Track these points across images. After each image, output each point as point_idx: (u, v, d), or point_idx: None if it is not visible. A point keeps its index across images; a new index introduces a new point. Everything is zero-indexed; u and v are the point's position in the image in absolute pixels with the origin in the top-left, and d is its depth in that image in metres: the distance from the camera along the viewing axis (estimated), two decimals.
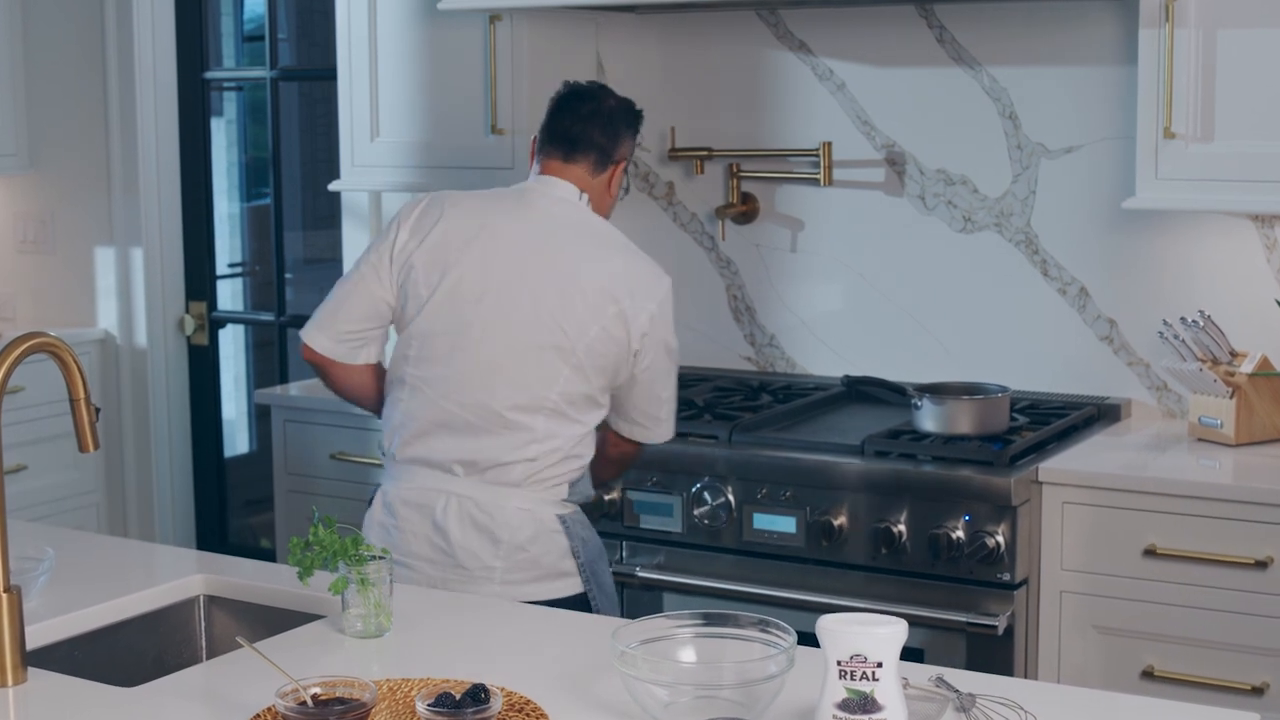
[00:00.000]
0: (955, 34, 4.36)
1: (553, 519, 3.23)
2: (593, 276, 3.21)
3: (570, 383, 3.19)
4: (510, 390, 3.18)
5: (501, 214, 3.29)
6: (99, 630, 2.78)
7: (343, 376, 3.38)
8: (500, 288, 3.20)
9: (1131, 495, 3.63)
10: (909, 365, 4.48)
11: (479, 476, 3.21)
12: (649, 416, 3.38)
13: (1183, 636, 3.60)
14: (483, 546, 3.19)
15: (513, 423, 3.18)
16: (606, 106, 3.40)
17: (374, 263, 3.30)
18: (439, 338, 3.22)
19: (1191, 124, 3.78)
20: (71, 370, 2.52)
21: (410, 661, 2.50)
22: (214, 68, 5.96)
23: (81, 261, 5.81)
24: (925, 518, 3.71)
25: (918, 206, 4.47)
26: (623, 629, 2.27)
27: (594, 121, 3.36)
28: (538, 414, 3.19)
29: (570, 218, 3.30)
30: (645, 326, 3.23)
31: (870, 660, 2.05)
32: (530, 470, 3.20)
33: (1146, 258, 4.20)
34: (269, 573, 2.99)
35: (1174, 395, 4.21)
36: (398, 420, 3.27)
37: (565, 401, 3.20)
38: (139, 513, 5.80)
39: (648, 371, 3.29)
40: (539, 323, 3.18)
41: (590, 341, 3.19)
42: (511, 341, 3.18)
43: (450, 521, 3.20)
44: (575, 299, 3.19)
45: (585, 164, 3.35)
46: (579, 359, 3.19)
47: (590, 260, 3.24)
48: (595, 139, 3.35)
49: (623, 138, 3.40)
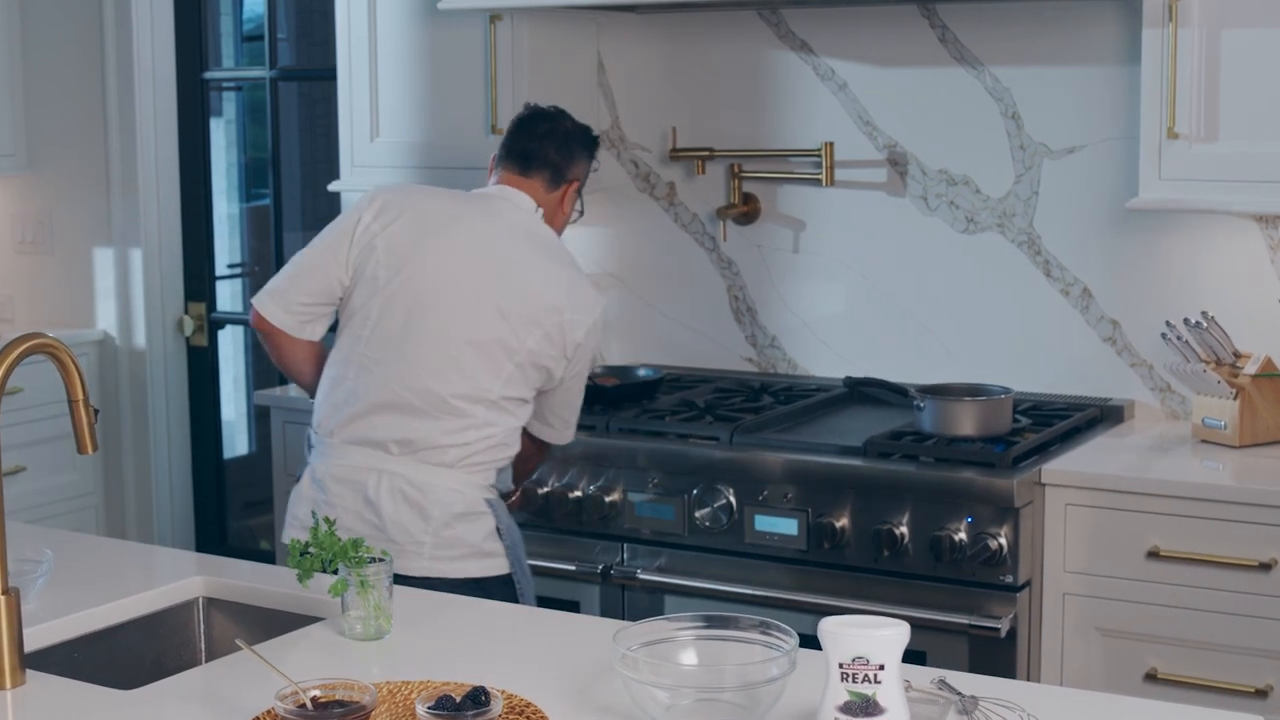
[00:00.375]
0: (957, 34, 4.36)
1: (480, 501, 3.40)
2: (544, 285, 3.42)
3: (512, 380, 3.39)
4: (459, 380, 3.36)
5: (468, 214, 3.48)
6: (98, 632, 2.78)
7: (288, 349, 3.52)
8: (460, 282, 3.39)
9: (1134, 497, 3.63)
10: (911, 366, 4.48)
11: (413, 456, 3.36)
12: (561, 420, 3.61)
13: (1186, 639, 3.60)
14: (413, 521, 3.34)
15: (456, 409, 3.35)
16: (563, 128, 3.62)
17: (333, 242, 3.46)
18: (395, 322, 3.38)
19: (1195, 124, 3.78)
20: (70, 371, 2.52)
21: (410, 664, 2.50)
22: (213, 67, 5.96)
23: (80, 262, 5.81)
24: (927, 519, 3.71)
25: (920, 207, 4.47)
26: (624, 631, 2.27)
27: (550, 140, 3.58)
28: (479, 404, 3.37)
29: (528, 227, 3.51)
30: (580, 338, 3.44)
31: (872, 663, 2.05)
32: (463, 454, 3.37)
33: (1150, 258, 4.20)
34: (268, 575, 2.99)
35: (1177, 396, 4.21)
36: (340, 398, 3.42)
37: (505, 396, 3.39)
38: (138, 514, 5.80)
39: (573, 379, 3.52)
40: (492, 320, 3.37)
41: (533, 345, 3.39)
42: (465, 334, 3.36)
43: (383, 497, 3.35)
44: (526, 303, 3.39)
45: (540, 180, 3.56)
46: (522, 359, 3.39)
47: (543, 270, 3.44)
48: (550, 157, 3.56)
49: (577, 159, 3.61)
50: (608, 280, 4.88)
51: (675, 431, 4.09)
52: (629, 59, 4.82)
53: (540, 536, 4.16)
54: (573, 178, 3.60)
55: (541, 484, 4.13)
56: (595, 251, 4.89)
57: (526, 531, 4.15)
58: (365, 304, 3.40)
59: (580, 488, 4.09)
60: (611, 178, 4.85)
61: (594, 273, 4.88)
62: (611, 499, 4.06)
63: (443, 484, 3.35)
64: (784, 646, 2.22)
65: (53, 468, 5.54)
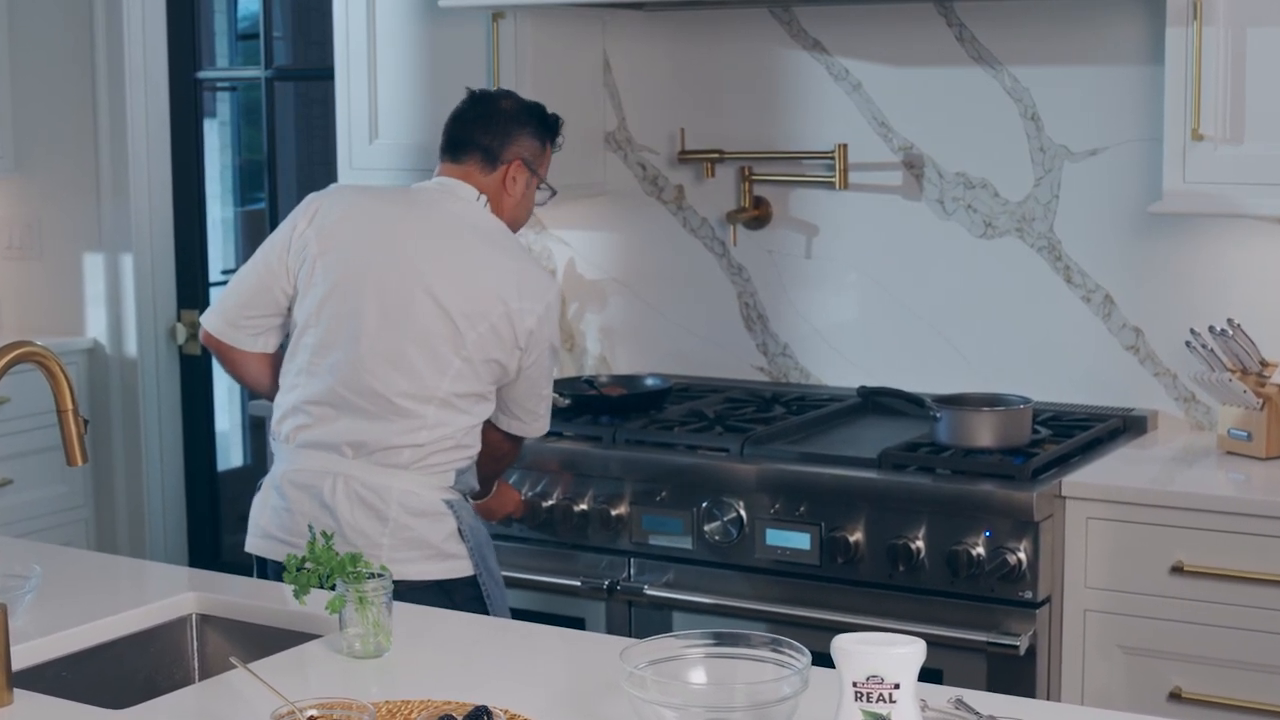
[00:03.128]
0: (975, 32, 4.36)
1: (439, 502, 3.45)
2: (485, 277, 3.44)
3: (460, 376, 3.42)
4: (402, 379, 3.40)
5: (404, 210, 3.55)
6: (88, 650, 2.78)
7: (239, 362, 3.63)
8: (399, 280, 3.43)
9: (1158, 510, 3.63)
10: (927, 375, 4.48)
11: (367, 458, 3.42)
12: (528, 411, 3.61)
13: (1211, 657, 3.60)
14: (370, 524, 3.40)
15: (403, 410, 3.40)
16: (497, 108, 3.66)
17: (270, 253, 3.55)
18: (338, 325, 3.44)
19: (1220, 125, 3.78)
20: (59, 381, 2.53)
21: (410, 682, 2.51)
22: (207, 67, 5.98)
23: (69, 268, 5.82)
24: (944, 533, 3.72)
25: (936, 211, 4.47)
26: (631, 649, 2.28)
27: (478, 124, 3.62)
28: (428, 404, 3.41)
29: (470, 218, 3.54)
30: (532, 326, 3.46)
31: (887, 681, 2.05)
32: (418, 455, 3.42)
33: (1173, 264, 4.20)
34: (263, 591, 3.00)
35: (1202, 407, 4.21)
36: (292, 404, 3.49)
37: (455, 394, 3.42)
38: (129, 528, 5.81)
39: (533, 369, 3.52)
40: (433, 316, 3.40)
41: (478, 338, 3.42)
42: (406, 332, 3.41)
43: (339, 500, 3.41)
44: (469, 297, 3.42)
45: (471, 165, 3.60)
46: (468, 353, 3.42)
47: (484, 261, 3.47)
48: (478, 140, 3.60)
49: (515, 137, 3.63)
50: (613, 286, 4.88)
51: (684, 443, 4.09)
52: (636, 58, 4.83)
53: (544, 551, 4.16)
54: (511, 157, 3.61)
55: (546, 496, 4.13)
56: (600, 257, 4.90)
57: (529, 546, 4.16)
58: (309, 310, 3.48)
59: (586, 501, 4.10)
60: (618, 181, 4.86)
61: (599, 278, 4.89)
62: (618, 512, 4.06)
63: (398, 485, 3.41)
64: (796, 665, 2.22)
65: (41, 480, 5.55)
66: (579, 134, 4.76)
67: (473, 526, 3.51)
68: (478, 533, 3.52)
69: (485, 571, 3.51)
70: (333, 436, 3.43)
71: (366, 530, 3.39)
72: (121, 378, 5.78)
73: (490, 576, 3.52)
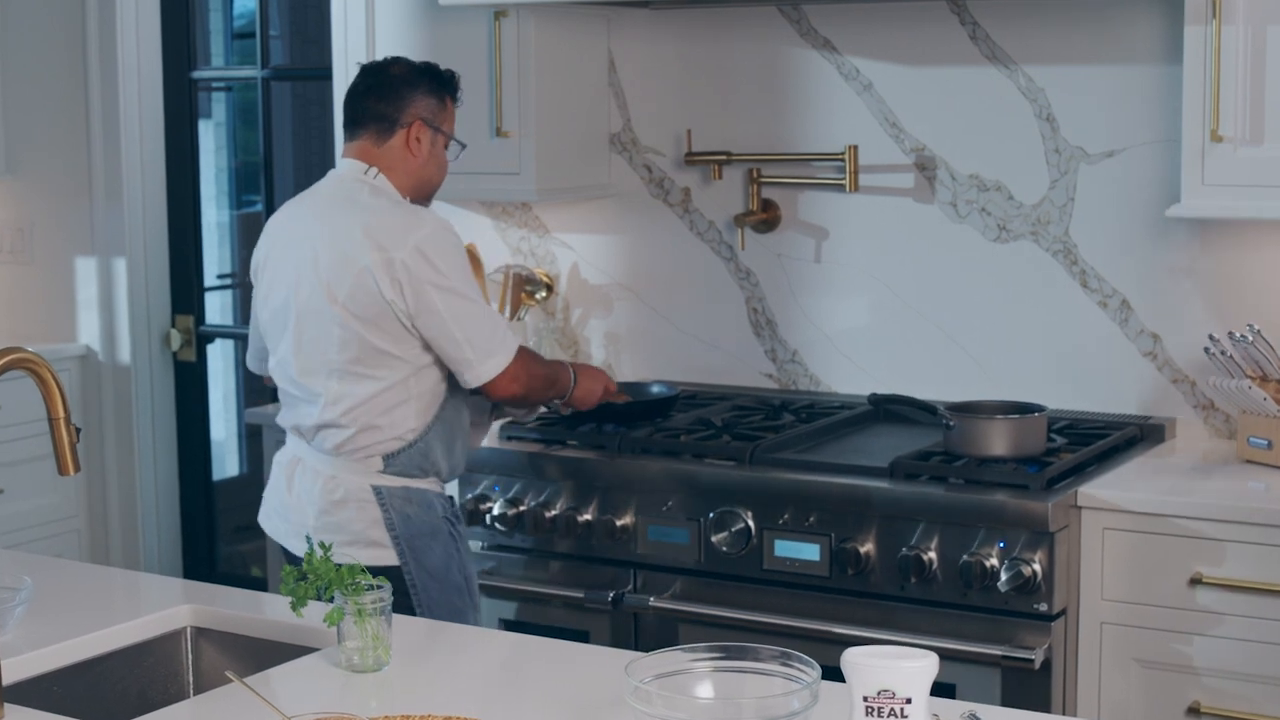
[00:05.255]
0: (989, 31, 4.37)
1: (365, 488, 3.66)
2: (347, 236, 3.61)
3: (346, 342, 3.61)
4: (300, 357, 3.68)
5: (297, 211, 3.79)
6: (80, 664, 2.79)
7: None
8: (294, 270, 3.68)
9: (1176, 521, 3.63)
10: (940, 383, 4.49)
11: (309, 443, 3.71)
12: (457, 361, 3.67)
13: (1231, 671, 3.60)
14: (305, 506, 3.70)
15: (306, 388, 3.67)
16: (388, 75, 3.79)
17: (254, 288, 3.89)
18: (270, 329, 3.77)
19: (1240, 126, 3.78)
20: (50, 388, 2.53)
21: (410, 697, 2.51)
22: (202, 67, 5.98)
23: (61, 272, 5.83)
24: (957, 545, 3.72)
25: (949, 214, 4.48)
26: (636, 663, 2.28)
27: (369, 95, 3.77)
28: (328, 377, 3.64)
29: (343, 192, 3.72)
30: (397, 273, 3.57)
31: (899, 696, 2.05)
32: (339, 438, 3.64)
33: (1192, 269, 4.20)
34: (260, 603, 3.00)
35: (1221, 415, 4.21)
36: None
37: (347, 360, 3.62)
38: (122, 539, 5.82)
39: (428, 317, 3.61)
40: (313, 289, 3.63)
41: (348, 297, 3.59)
42: (303, 319, 3.66)
43: (295, 481, 3.74)
44: (333, 261, 3.61)
45: (366, 137, 3.76)
46: (344, 316, 3.59)
47: (347, 223, 3.63)
48: (371, 109, 3.76)
49: (408, 99, 3.76)
50: (618, 291, 4.89)
51: (691, 451, 4.10)
52: (641, 57, 4.83)
53: (547, 562, 4.17)
54: (410, 119, 3.75)
55: (549, 506, 4.13)
56: (605, 261, 4.90)
57: (532, 558, 4.17)
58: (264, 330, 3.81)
59: (590, 511, 4.10)
60: (623, 183, 4.86)
61: (604, 283, 4.90)
62: (623, 523, 4.06)
63: (327, 471, 3.67)
64: (805, 679, 2.22)
65: (32, 490, 5.55)
66: (583, 135, 4.77)
67: (408, 515, 3.65)
68: (412, 523, 3.65)
69: (415, 564, 3.64)
70: (289, 422, 3.76)
71: (303, 511, 3.69)
72: (114, 385, 5.79)
73: (421, 568, 3.64)
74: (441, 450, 3.73)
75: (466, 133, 4.59)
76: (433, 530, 3.68)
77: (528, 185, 4.60)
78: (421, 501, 3.69)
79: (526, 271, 4.89)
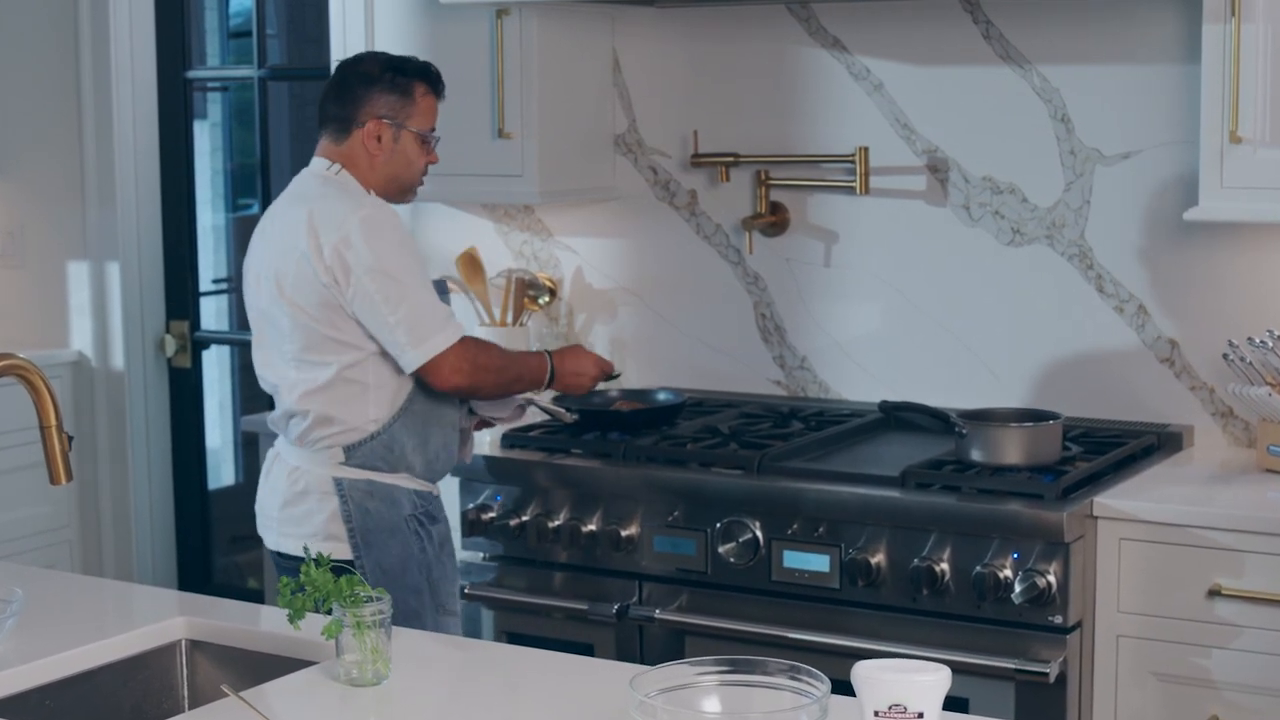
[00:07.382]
0: (1003, 30, 4.37)
1: (327, 480, 3.75)
2: (293, 228, 3.70)
3: (295, 332, 3.71)
4: (262, 350, 3.82)
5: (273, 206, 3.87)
6: (72, 678, 2.79)
7: None
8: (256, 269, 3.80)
9: (1194, 531, 3.63)
10: (952, 390, 4.49)
11: (283, 435, 3.84)
12: (390, 345, 3.70)
13: (1250, 684, 3.59)
14: (271, 497, 3.84)
15: (270, 381, 3.81)
16: (350, 74, 3.84)
17: None
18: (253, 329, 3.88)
19: (1259, 127, 3.78)
20: (42, 395, 2.53)
21: (410, 711, 2.51)
22: (197, 66, 5.99)
23: (53, 277, 5.83)
24: (970, 555, 3.72)
25: (962, 217, 4.48)
26: (641, 676, 2.28)
27: (328, 97, 3.86)
28: (285, 366, 3.75)
29: (302, 188, 3.82)
30: (330, 259, 3.65)
31: (910, 710, 2.05)
32: (299, 428, 3.74)
33: (1210, 273, 4.20)
34: (256, 615, 3.01)
35: (1240, 422, 4.21)
36: None
37: (300, 348, 3.72)
38: (115, 550, 5.82)
39: (361, 300, 3.66)
40: (269, 284, 3.74)
41: (293, 284, 3.69)
42: (262, 309, 3.79)
43: (270, 474, 3.88)
44: (280, 252, 3.72)
45: (327, 137, 3.85)
46: (289, 304, 3.69)
47: (295, 215, 3.72)
48: (330, 112, 3.84)
49: (363, 98, 3.81)
50: (623, 296, 4.89)
51: (697, 460, 4.10)
52: (647, 57, 4.84)
53: (550, 574, 4.17)
54: (365, 119, 3.79)
55: (552, 516, 4.13)
56: (610, 265, 4.91)
57: (535, 569, 4.17)
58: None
59: (594, 521, 4.10)
60: (628, 185, 4.87)
61: (608, 288, 4.90)
62: (628, 533, 4.06)
63: (293, 461, 3.79)
64: (815, 693, 2.22)
65: (23, 499, 5.55)
66: (587, 136, 4.77)
67: (368, 509, 3.72)
68: (372, 517, 3.72)
69: (369, 560, 3.70)
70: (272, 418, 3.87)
71: (269, 502, 3.85)
72: (108, 392, 5.79)
73: (378, 567, 3.69)
74: (412, 445, 3.76)
75: (468, 134, 4.61)
76: (392, 527, 3.73)
77: (530, 187, 4.60)
78: (385, 497, 3.74)
79: (529, 276, 4.90)
